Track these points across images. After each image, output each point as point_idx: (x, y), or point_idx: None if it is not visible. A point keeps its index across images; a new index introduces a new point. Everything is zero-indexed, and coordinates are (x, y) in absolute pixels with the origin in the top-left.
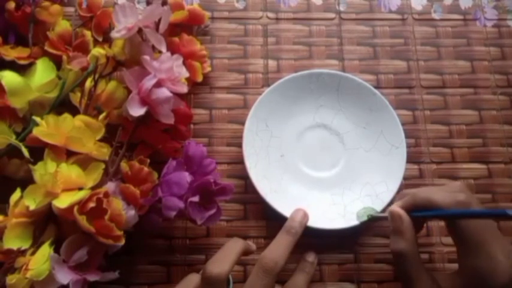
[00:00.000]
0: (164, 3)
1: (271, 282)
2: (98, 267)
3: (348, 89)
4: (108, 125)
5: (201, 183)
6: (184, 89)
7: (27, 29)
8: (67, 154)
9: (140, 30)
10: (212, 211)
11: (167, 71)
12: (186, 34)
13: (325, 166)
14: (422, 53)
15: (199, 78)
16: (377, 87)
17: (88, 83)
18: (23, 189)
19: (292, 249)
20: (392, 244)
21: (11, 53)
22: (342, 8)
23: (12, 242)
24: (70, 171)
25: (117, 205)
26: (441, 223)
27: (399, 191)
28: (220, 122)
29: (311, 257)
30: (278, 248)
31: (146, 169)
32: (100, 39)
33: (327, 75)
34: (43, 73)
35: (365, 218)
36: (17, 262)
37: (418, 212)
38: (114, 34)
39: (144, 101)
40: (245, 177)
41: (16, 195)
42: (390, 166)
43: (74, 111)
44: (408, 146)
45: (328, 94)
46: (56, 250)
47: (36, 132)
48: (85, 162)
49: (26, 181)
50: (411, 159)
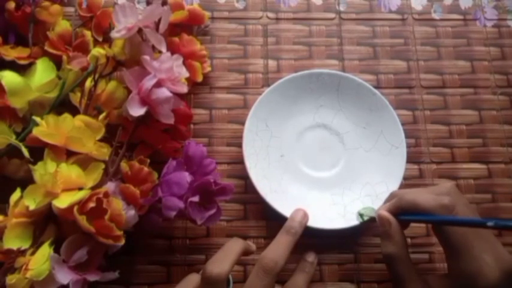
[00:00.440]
0: (164, 3)
1: (271, 282)
2: (98, 267)
3: (348, 89)
4: (108, 125)
5: (201, 183)
6: (184, 89)
7: (27, 29)
8: (67, 154)
9: (140, 30)
10: (212, 211)
11: (167, 71)
12: (186, 34)
13: (325, 166)
14: (422, 53)
15: (199, 78)
16: (377, 87)
17: (88, 83)
18: (23, 189)
19: (292, 249)
20: (382, 248)
21: (11, 53)
22: (342, 8)
23: (12, 242)
24: (70, 171)
25: (117, 205)
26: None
27: None
28: (220, 122)
29: (311, 257)
30: (278, 248)
31: (146, 169)
32: (100, 39)
33: (327, 75)
34: (43, 73)
35: (365, 219)
36: (17, 262)
37: (405, 216)
38: (114, 34)
39: (144, 101)
40: (245, 177)
41: (16, 195)
42: (390, 166)
43: (74, 111)
44: (408, 146)
45: (328, 94)
46: (56, 250)
47: (36, 132)
48: (85, 162)
49: (26, 181)
50: (411, 159)
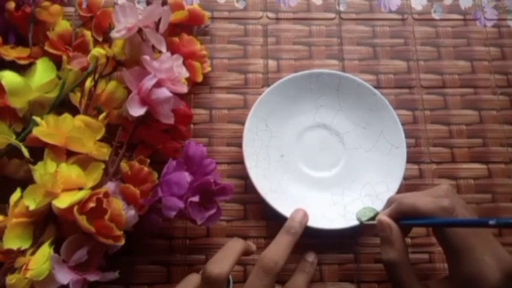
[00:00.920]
0: (164, 3)
1: (271, 282)
2: (98, 267)
3: (348, 89)
4: (108, 125)
5: (201, 183)
6: (184, 89)
7: (27, 29)
8: (67, 154)
9: (140, 30)
10: (212, 211)
11: (167, 71)
12: (186, 34)
13: (325, 166)
14: (422, 53)
15: (199, 78)
16: (377, 87)
17: (88, 83)
18: (23, 189)
19: (292, 249)
20: (382, 254)
21: (11, 53)
22: (342, 8)
23: (12, 242)
24: (70, 171)
25: (117, 205)
26: None
27: (399, 191)
28: (220, 122)
29: (311, 257)
30: (278, 248)
31: (146, 169)
32: (100, 39)
33: (327, 75)
34: (43, 73)
35: (365, 219)
36: (17, 262)
37: (405, 220)
38: (114, 34)
39: (144, 101)
40: (245, 177)
41: (16, 195)
42: (390, 166)
43: (74, 111)
44: (408, 146)
45: (328, 94)
46: (56, 250)
47: (36, 132)
48: (85, 162)
49: (26, 181)
50: (411, 159)
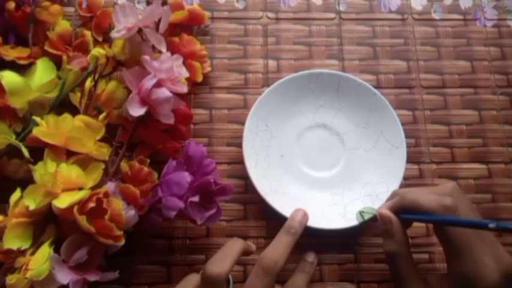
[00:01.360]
0: (164, 3)
1: (271, 282)
2: (98, 267)
3: (348, 89)
4: (108, 125)
5: (201, 183)
6: (184, 89)
7: (27, 29)
8: (67, 154)
9: (140, 30)
10: (212, 211)
11: (167, 71)
12: (186, 34)
13: (325, 166)
14: (422, 53)
15: (199, 78)
16: (377, 87)
17: (88, 83)
18: (23, 189)
19: (292, 249)
20: (384, 246)
21: (11, 53)
22: (342, 8)
23: (12, 242)
24: (70, 171)
25: (117, 205)
26: None
27: None
28: (220, 122)
29: (311, 257)
30: (278, 248)
31: (146, 169)
32: (100, 39)
33: (327, 75)
34: (43, 73)
35: (365, 219)
36: (17, 262)
37: (406, 214)
38: (114, 34)
39: (144, 101)
40: (245, 177)
41: (16, 195)
42: (390, 166)
43: (74, 111)
44: (408, 146)
45: (328, 94)
46: (56, 250)
47: (36, 132)
48: (85, 162)
49: (26, 181)
50: (411, 159)
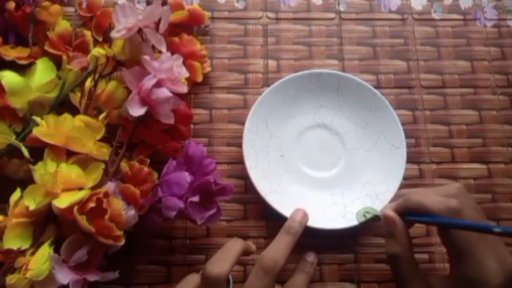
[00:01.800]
0: (164, 3)
1: (270, 282)
2: (98, 267)
3: (348, 89)
4: (108, 125)
5: (201, 183)
6: (184, 89)
7: (27, 29)
8: (67, 154)
9: (140, 30)
10: (212, 211)
11: (167, 71)
12: (186, 34)
13: (325, 166)
14: (422, 53)
15: (199, 78)
16: (377, 87)
17: (88, 83)
18: (23, 189)
19: (292, 249)
20: (387, 247)
21: (11, 53)
22: (342, 8)
23: (12, 242)
24: (70, 171)
25: (117, 205)
26: None
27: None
28: (220, 122)
29: (311, 257)
30: (278, 248)
31: (146, 169)
32: (100, 39)
33: (327, 75)
34: (43, 73)
35: (365, 219)
36: (17, 262)
37: (410, 216)
38: (114, 34)
39: (144, 101)
40: (245, 177)
41: (16, 195)
42: (390, 166)
43: (74, 111)
44: (408, 146)
45: (328, 94)
46: (56, 250)
47: (36, 132)
48: (85, 162)
49: (26, 181)
50: (411, 159)
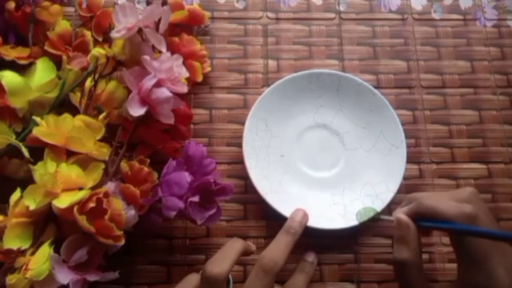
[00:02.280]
0: (164, 3)
1: (270, 282)
2: (98, 267)
3: (348, 89)
4: (108, 125)
5: (201, 183)
6: (184, 89)
7: (27, 29)
8: (67, 154)
9: (140, 30)
10: (212, 211)
11: (167, 71)
12: (186, 34)
13: (325, 166)
14: (422, 53)
15: (199, 78)
16: (377, 87)
17: (88, 83)
18: (23, 189)
19: (292, 249)
20: (396, 252)
21: (11, 53)
22: (342, 8)
23: (12, 242)
24: (70, 171)
25: (117, 205)
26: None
27: (399, 191)
28: (220, 122)
29: (311, 257)
30: (278, 248)
31: (146, 169)
32: (100, 39)
33: (327, 75)
34: (43, 73)
35: (365, 219)
36: (17, 262)
37: (424, 222)
38: (114, 34)
39: (144, 101)
40: (245, 177)
41: (16, 195)
42: (390, 166)
43: (74, 111)
44: (408, 146)
45: (328, 94)
46: (56, 250)
47: (36, 132)
48: (85, 162)
49: (26, 181)
50: (411, 159)
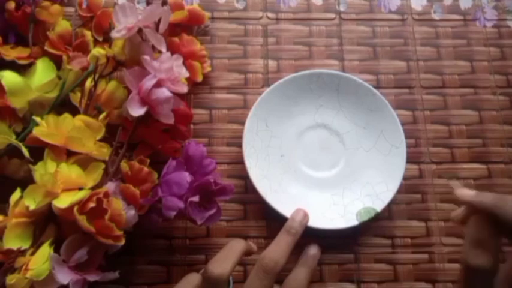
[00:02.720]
0: (164, 3)
1: (270, 282)
2: (98, 267)
3: (348, 89)
4: (108, 125)
5: (201, 183)
6: (184, 89)
7: (27, 29)
8: (67, 154)
9: (140, 30)
10: (212, 211)
11: (167, 71)
12: (186, 34)
13: (325, 166)
14: (422, 53)
15: (199, 78)
16: (377, 87)
17: (88, 83)
18: (23, 189)
19: (292, 249)
20: (471, 257)
21: (11, 53)
22: (342, 8)
23: (12, 242)
24: (70, 171)
25: (117, 205)
26: (441, 223)
27: (399, 191)
28: (220, 122)
29: (313, 250)
30: (278, 248)
31: (146, 169)
32: (100, 39)
33: (327, 75)
34: (43, 73)
35: (365, 219)
36: (17, 262)
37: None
38: (114, 34)
39: (144, 101)
40: (245, 177)
41: (16, 195)
42: (390, 166)
43: (74, 111)
44: (408, 146)
45: (328, 94)
46: (56, 250)
47: (36, 132)
48: (85, 162)
49: (26, 181)
50: (411, 159)
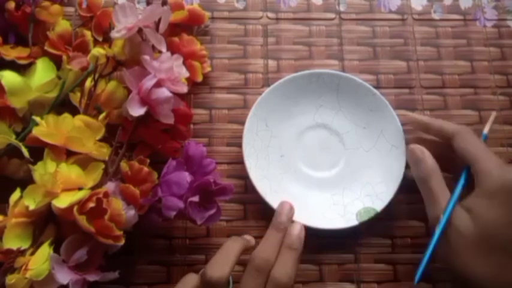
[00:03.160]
0: (164, 3)
1: (264, 280)
2: (98, 267)
3: (348, 89)
4: (108, 125)
5: (201, 183)
6: (184, 89)
7: (27, 29)
8: (67, 154)
9: (140, 30)
10: (212, 211)
11: (167, 71)
12: (186, 34)
13: (325, 166)
14: (422, 53)
15: (199, 78)
16: (377, 87)
17: (88, 83)
18: (23, 189)
19: (282, 244)
20: (415, 171)
21: (11, 53)
22: (342, 8)
23: (12, 242)
24: (70, 171)
25: (117, 205)
26: None
27: (399, 191)
28: (220, 122)
29: (296, 229)
30: (268, 246)
31: (146, 169)
32: (100, 39)
33: (327, 75)
34: (43, 73)
35: (365, 218)
36: (17, 262)
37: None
38: (114, 34)
39: (144, 101)
40: (245, 177)
41: (16, 195)
42: (390, 166)
43: (74, 111)
44: None
45: (328, 94)
46: (56, 250)
47: (36, 132)
48: (85, 162)
49: (26, 181)
50: None
